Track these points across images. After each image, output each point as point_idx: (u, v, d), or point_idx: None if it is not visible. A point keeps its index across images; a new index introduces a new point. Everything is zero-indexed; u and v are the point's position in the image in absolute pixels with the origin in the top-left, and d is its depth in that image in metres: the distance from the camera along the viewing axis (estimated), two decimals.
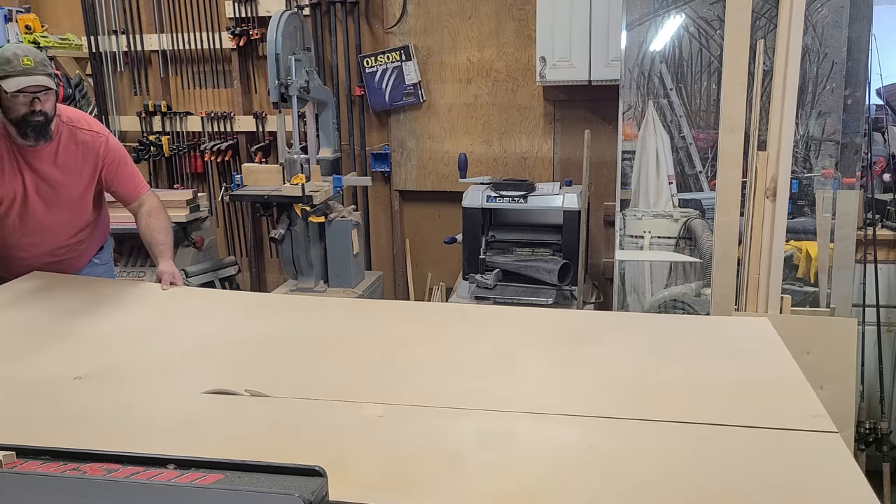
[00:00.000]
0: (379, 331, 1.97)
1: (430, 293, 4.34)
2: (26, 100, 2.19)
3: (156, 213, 2.57)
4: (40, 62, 2.22)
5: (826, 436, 1.31)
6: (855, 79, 3.00)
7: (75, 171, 2.42)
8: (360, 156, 4.29)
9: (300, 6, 3.95)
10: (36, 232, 2.43)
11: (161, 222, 2.56)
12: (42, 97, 2.22)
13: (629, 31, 3.21)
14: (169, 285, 2.35)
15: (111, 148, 2.49)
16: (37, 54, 2.24)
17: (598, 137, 3.79)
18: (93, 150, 2.44)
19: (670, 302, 3.22)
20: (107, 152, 2.47)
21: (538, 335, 1.87)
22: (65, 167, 2.39)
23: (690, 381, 1.57)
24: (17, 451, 1.03)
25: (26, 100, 2.19)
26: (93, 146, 2.44)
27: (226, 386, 1.57)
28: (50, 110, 2.28)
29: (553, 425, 1.39)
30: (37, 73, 2.19)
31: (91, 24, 4.36)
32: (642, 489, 1.17)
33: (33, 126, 2.25)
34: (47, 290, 2.27)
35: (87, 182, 2.46)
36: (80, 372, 1.67)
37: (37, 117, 2.23)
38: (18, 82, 2.16)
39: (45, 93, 2.23)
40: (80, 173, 2.43)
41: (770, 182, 2.14)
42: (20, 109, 2.21)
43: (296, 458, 1.04)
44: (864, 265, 3.08)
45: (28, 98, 2.19)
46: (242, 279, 4.41)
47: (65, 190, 2.42)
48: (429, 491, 1.19)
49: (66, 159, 2.39)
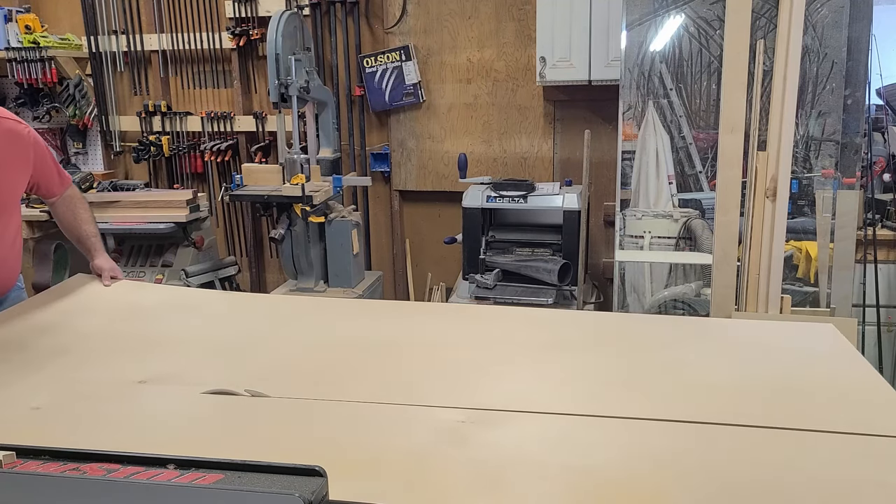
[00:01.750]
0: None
1: (430, 293, 4.34)
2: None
3: (81, 205, 2.33)
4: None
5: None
6: (855, 79, 3.00)
7: (9, 166, 2.07)
8: (360, 156, 4.29)
9: (300, 6, 3.95)
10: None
11: (88, 214, 2.34)
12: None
13: (629, 31, 3.21)
14: (110, 280, 2.23)
15: (35, 136, 2.15)
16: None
17: (598, 137, 3.79)
18: (21, 140, 2.09)
19: (670, 302, 3.22)
20: (34, 141, 2.13)
21: (598, 337, 1.86)
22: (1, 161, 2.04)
23: (770, 385, 1.55)
24: (17, 451, 1.03)
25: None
26: (19, 135, 2.08)
27: (226, 386, 1.57)
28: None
29: (641, 430, 1.38)
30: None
31: (91, 24, 4.36)
32: (740, 495, 1.16)
33: None
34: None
35: (22, 178, 2.13)
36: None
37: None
38: None
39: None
40: (14, 168, 2.09)
41: (770, 182, 2.14)
42: None
43: (296, 458, 1.03)
44: (864, 265, 3.09)
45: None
46: (242, 279, 4.41)
47: (3, 190, 2.08)
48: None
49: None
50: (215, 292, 3.25)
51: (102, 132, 4.51)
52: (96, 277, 2.28)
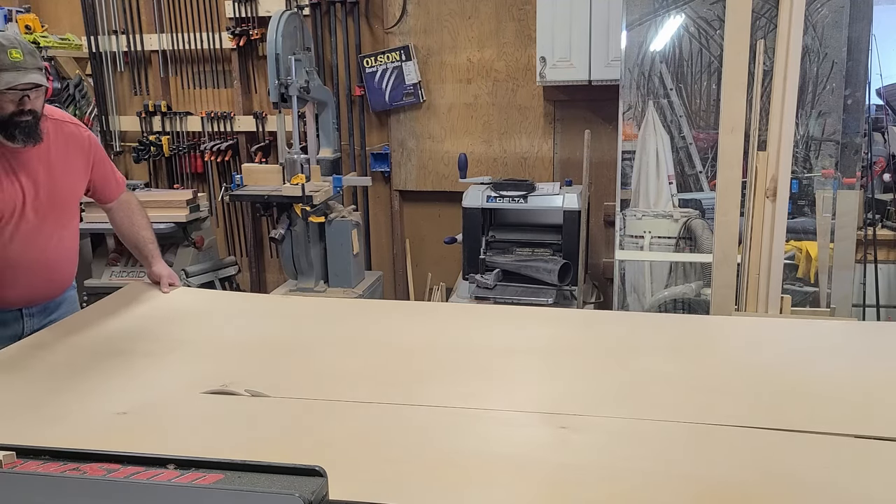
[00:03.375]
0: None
1: (430, 293, 4.34)
2: (14, 97, 1.93)
3: (137, 210, 2.38)
4: (30, 53, 1.94)
5: None
6: (855, 79, 3.00)
7: (70, 169, 2.16)
8: (360, 156, 4.30)
9: (300, 6, 3.95)
10: (32, 247, 2.11)
11: (145, 220, 2.39)
12: (32, 94, 1.95)
13: (629, 31, 3.21)
14: (169, 287, 2.28)
15: (94, 140, 2.24)
16: (26, 45, 1.96)
17: (598, 137, 3.79)
18: (81, 144, 2.18)
19: (670, 302, 3.22)
20: (92, 145, 2.22)
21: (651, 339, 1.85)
22: (60, 167, 2.12)
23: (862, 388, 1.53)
24: (17, 451, 1.03)
25: (14, 97, 1.93)
26: (80, 139, 2.18)
27: (226, 386, 1.57)
28: (39, 108, 2.00)
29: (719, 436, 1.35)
30: (28, 69, 1.92)
31: (91, 23, 4.37)
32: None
33: (22, 127, 1.97)
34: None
35: (82, 181, 2.21)
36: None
37: (25, 117, 1.96)
38: (7, 80, 1.89)
39: (35, 90, 1.96)
40: (75, 171, 2.18)
41: (770, 182, 2.14)
42: (7, 108, 1.94)
43: (296, 458, 1.04)
44: (864, 265, 3.09)
45: (17, 96, 1.93)
46: (242, 279, 4.41)
47: (64, 193, 2.15)
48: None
49: (58, 158, 2.12)
50: (263, 296, 3.23)
51: (102, 132, 4.51)
52: (153, 284, 2.31)
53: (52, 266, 2.18)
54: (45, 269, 2.16)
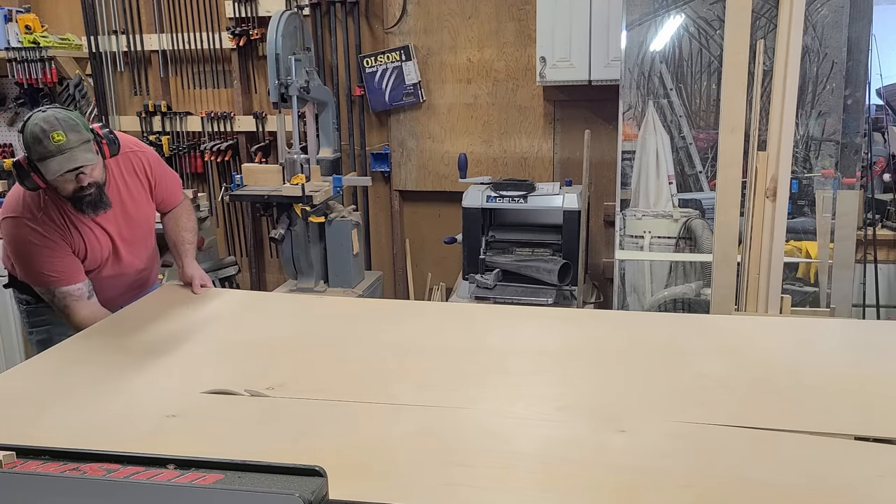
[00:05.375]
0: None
1: (430, 293, 4.34)
2: (70, 177, 1.94)
3: (186, 213, 2.47)
4: (72, 129, 1.89)
5: None
6: (855, 79, 3.00)
7: (139, 199, 2.27)
8: (360, 156, 4.29)
9: (300, 6, 3.95)
10: (128, 269, 2.30)
11: (191, 222, 2.47)
12: (87, 170, 1.96)
13: (629, 31, 3.21)
14: (201, 289, 2.31)
15: (153, 159, 2.34)
16: (67, 121, 1.90)
17: (598, 137, 3.78)
18: (141, 169, 2.28)
19: (670, 302, 3.22)
20: (150, 165, 2.31)
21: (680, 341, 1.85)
22: (130, 201, 2.23)
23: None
24: (17, 451, 1.03)
25: (70, 177, 1.94)
26: (139, 165, 2.28)
27: (226, 386, 1.57)
28: (100, 177, 2.03)
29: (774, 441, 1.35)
30: (73, 149, 1.89)
31: (91, 24, 4.36)
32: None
33: (87, 201, 2.02)
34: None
35: (151, 204, 2.33)
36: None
37: (87, 191, 2.00)
38: (55, 167, 1.89)
39: (87, 166, 1.96)
40: (143, 199, 2.29)
41: (770, 182, 2.14)
42: (67, 188, 1.97)
43: (296, 458, 1.04)
44: (864, 265, 3.09)
45: (72, 175, 1.94)
46: (242, 279, 4.41)
47: (140, 221, 2.29)
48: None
49: (127, 193, 2.22)
50: (288, 296, 3.26)
51: None
52: (185, 286, 2.36)
53: (144, 275, 2.42)
54: (139, 278, 2.39)
